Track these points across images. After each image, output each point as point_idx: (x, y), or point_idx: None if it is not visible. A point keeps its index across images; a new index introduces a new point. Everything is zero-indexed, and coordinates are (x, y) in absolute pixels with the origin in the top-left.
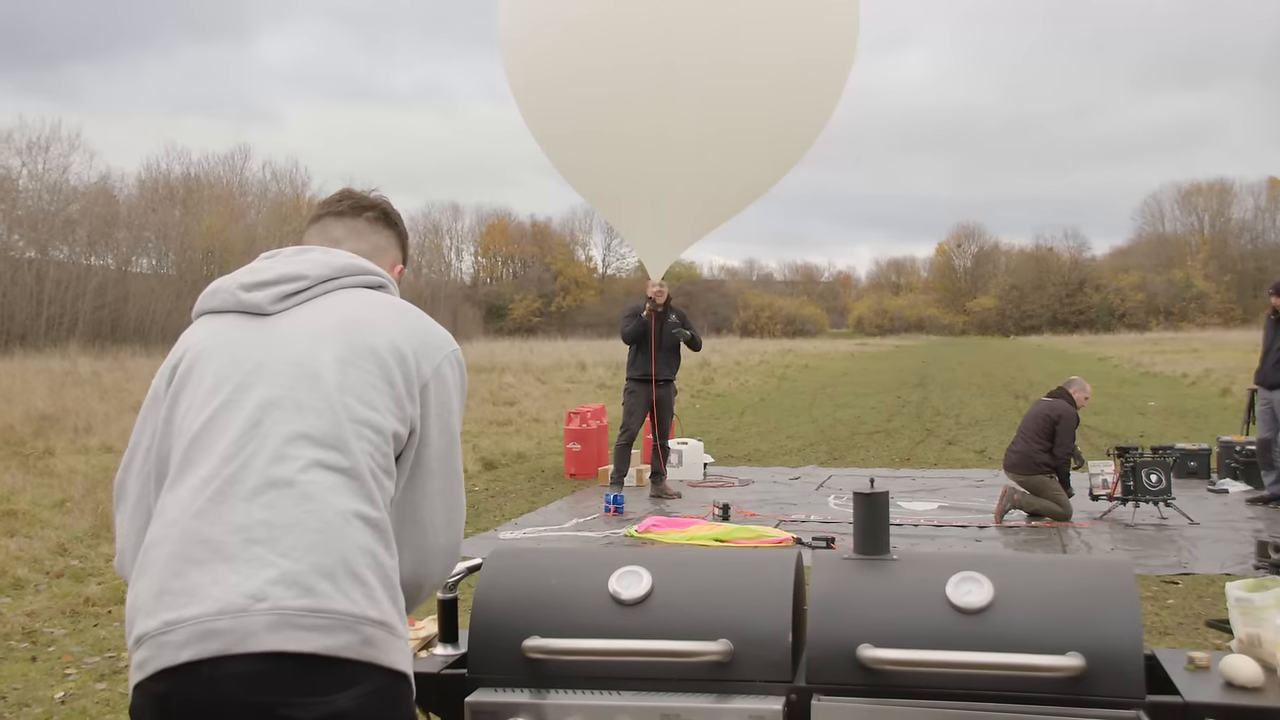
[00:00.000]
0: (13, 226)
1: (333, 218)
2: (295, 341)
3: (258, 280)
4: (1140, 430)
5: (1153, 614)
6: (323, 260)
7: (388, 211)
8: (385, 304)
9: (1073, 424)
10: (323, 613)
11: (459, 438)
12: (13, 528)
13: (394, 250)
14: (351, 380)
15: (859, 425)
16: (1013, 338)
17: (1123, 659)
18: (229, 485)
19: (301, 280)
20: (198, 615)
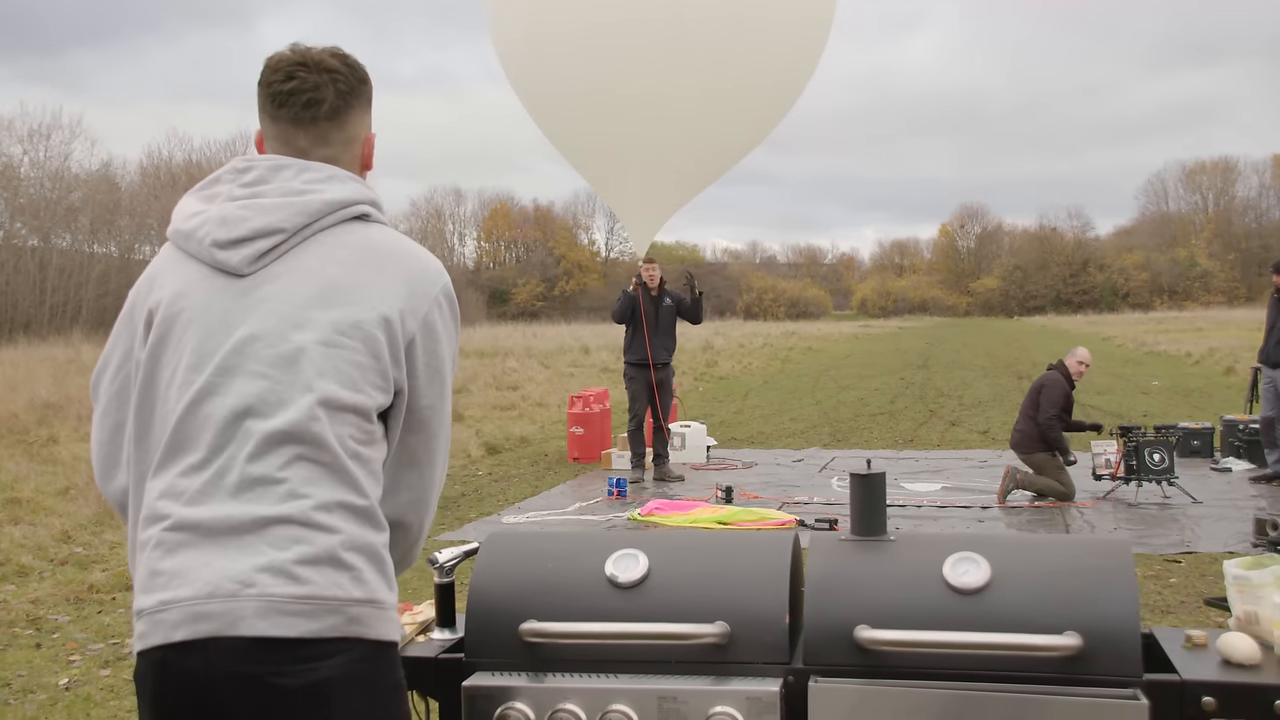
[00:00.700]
0: (15, 215)
1: (289, 124)
2: (274, 316)
3: (232, 237)
4: (1144, 410)
5: (1155, 593)
6: (297, 205)
7: (345, 89)
8: (366, 255)
9: (1057, 390)
10: (309, 599)
11: (450, 376)
12: (17, 515)
13: (363, 125)
14: (333, 363)
15: (862, 407)
16: (1016, 318)
17: (1120, 638)
18: (217, 478)
19: (278, 234)
20: (190, 597)
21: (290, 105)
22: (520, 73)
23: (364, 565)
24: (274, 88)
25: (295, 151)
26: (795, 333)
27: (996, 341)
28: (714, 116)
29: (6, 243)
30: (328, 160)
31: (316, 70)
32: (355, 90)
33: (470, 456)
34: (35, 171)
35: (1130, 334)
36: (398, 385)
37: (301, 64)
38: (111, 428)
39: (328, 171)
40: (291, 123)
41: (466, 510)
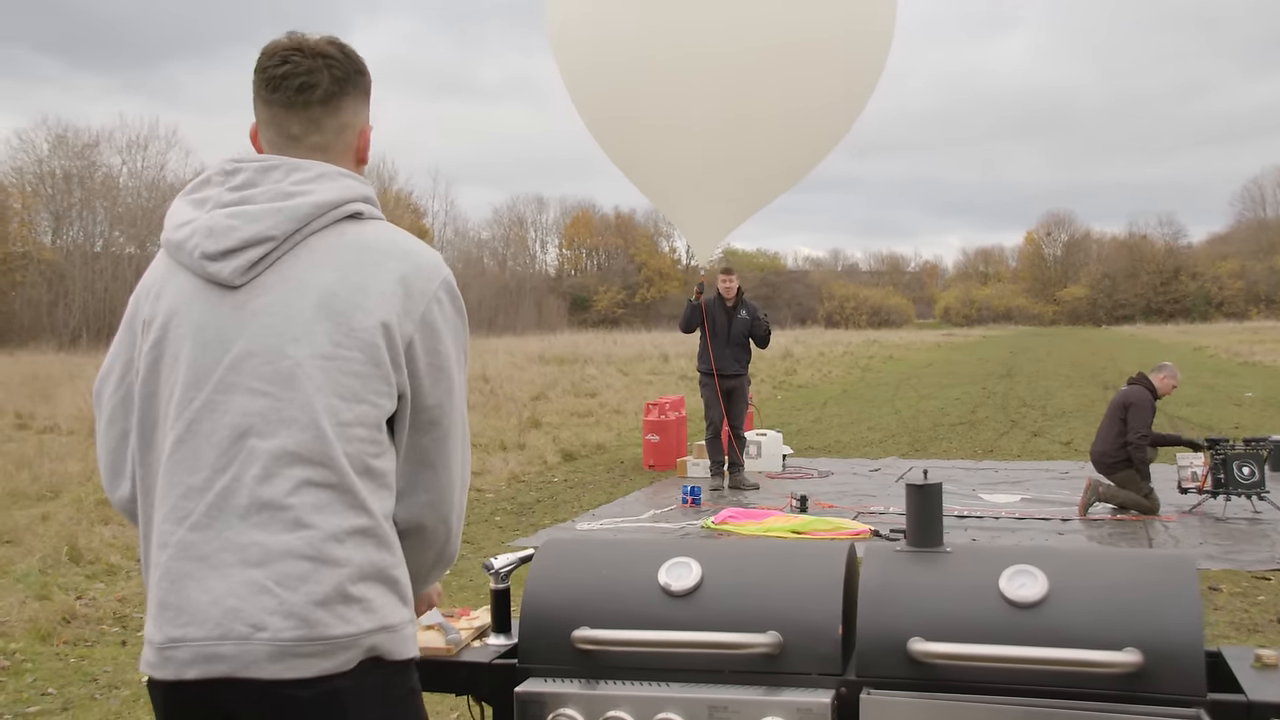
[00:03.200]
0: (114, 223)
1: (282, 109)
2: (269, 331)
3: (221, 249)
4: (1236, 421)
5: (1242, 610)
6: (286, 210)
7: (340, 76)
8: (360, 257)
9: (1146, 408)
10: (321, 640)
11: (458, 372)
12: (107, 515)
13: (359, 115)
14: (333, 378)
15: (942, 417)
16: (1105, 328)
17: (1182, 655)
18: (222, 499)
19: (267, 242)
20: (201, 638)
21: (283, 89)
22: (584, 96)
23: (374, 593)
24: (268, 72)
25: (287, 138)
26: (876, 341)
27: (1083, 351)
28: (775, 135)
29: (105, 250)
30: (319, 147)
31: (311, 56)
32: (350, 78)
33: (546, 463)
34: (133, 181)
35: (1223, 344)
36: (400, 389)
37: (297, 49)
38: (117, 436)
39: (317, 170)
40: (285, 107)
41: (541, 516)
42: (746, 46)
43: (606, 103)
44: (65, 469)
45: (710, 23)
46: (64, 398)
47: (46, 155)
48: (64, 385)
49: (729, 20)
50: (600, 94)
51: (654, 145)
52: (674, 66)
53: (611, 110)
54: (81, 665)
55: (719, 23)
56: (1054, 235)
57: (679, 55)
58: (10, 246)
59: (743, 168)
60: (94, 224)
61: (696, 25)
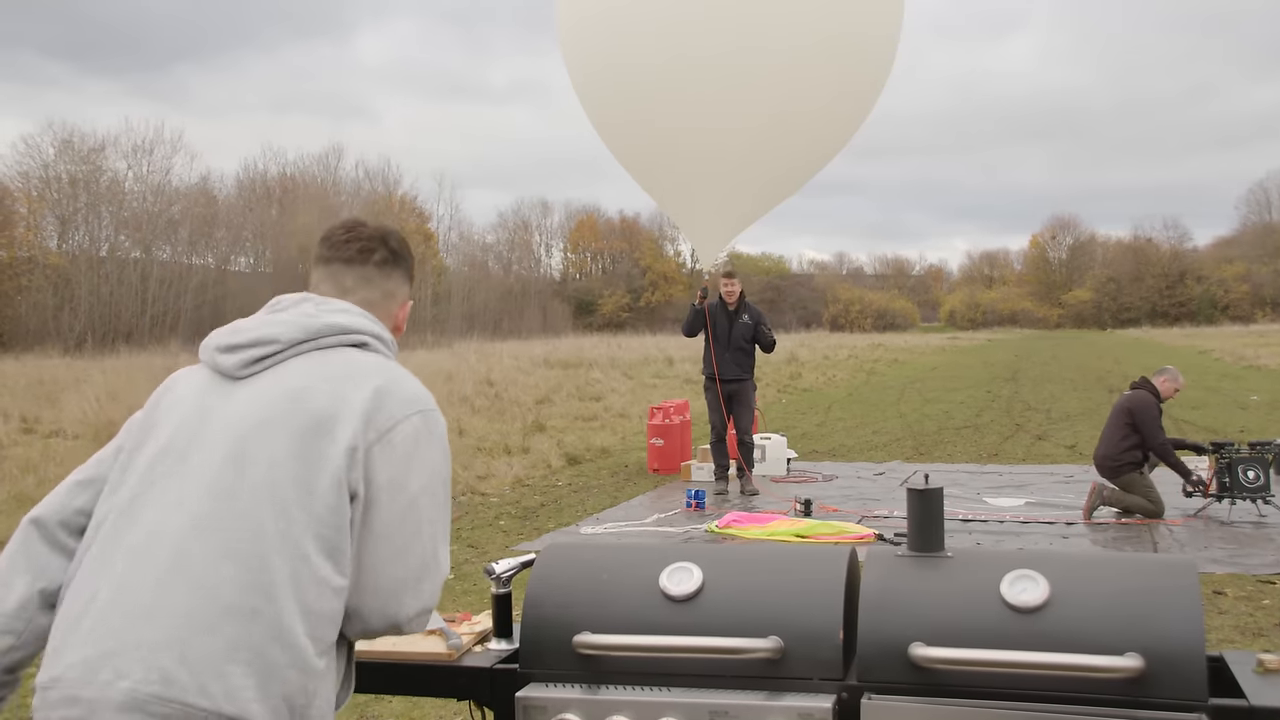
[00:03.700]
0: (120, 228)
1: (341, 264)
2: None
3: (233, 343)
4: (1241, 425)
5: (1247, 614)
6: (301, 323)
7: (396, 250)
8: (349, 371)
9: (1154, 413)
10: (171, 701)
11: (424, 499)
12: None
13: (404, 288)
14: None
15: (947, 420)
16: (1110, 331)
17: (1183, 660)
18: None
19: (273, 344)
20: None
21: (345, 250)
22: (592, 98)
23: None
24: (334, 238)
25: (340, 289)
26: (881, 345)
27: (1088, 354)
28: (780, 140)
29: (111, 255)
30: (366, 303)
31: (375, 230)
32: (402, 255)
33: (551, 467)
34: (139, 185)
35: (1228, 347)
36: (353, 489)
37: (362, 224)
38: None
39: (344, 305)
40: (344, 263)
41: (545, 521)
42: (753, 50)
43: (614, 104)
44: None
45: (717, 26)
46: (69, 402)
47: (52, 159)
48: (69, 390)
49: (736, 23)
50: (608, 96)
51: (660, 148)
52: (682, 69)
53: (619, 112)
54: None
55: (726, 26)
56: (1059, 239)
57: (686, 58)
58: (16, 251)
59: (748, 172)
60: (99, 228)
61: (703, 28)
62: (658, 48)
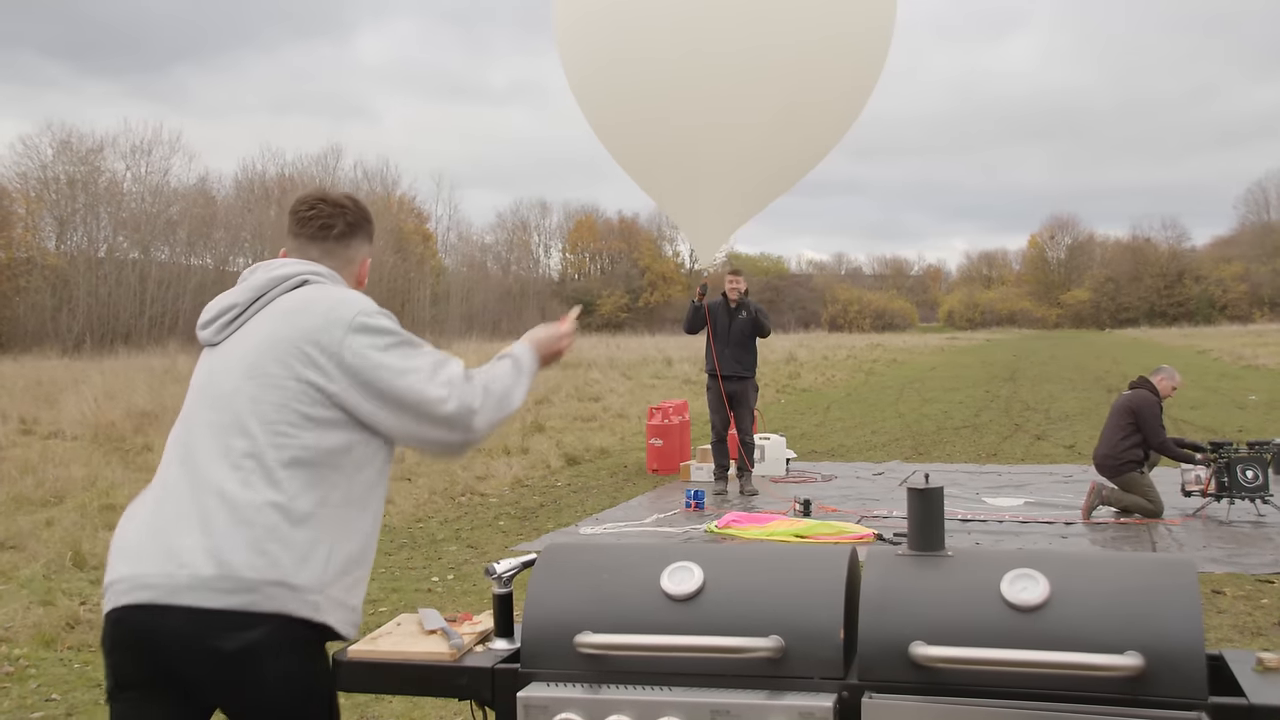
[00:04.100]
0: (118, 228)
1: (306, 239)
2: (225, 371)
3: (205, 319)
4: (1239, 425)
5: (1246, 614)
6: (254, 284)
7: (352, 223)
8: (298, 308)
9: (1154, 412)
10: (229, 578)
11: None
12: (111, 520)
13: (362, 249)
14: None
15: (945, 420)
16: (1108, 331)
17: (1183, 659)
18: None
19: (234, 309)
20: (137, 572)
21: (308, 226)
22: (588, 97)
23: (283, 554)
24: (299, 214)
25: (308, 259)
26: (880, 345)
27: (1086, 354)
28: (776, 136)
29: (109, 256)
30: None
31: (333, 205)
32: (358, 224)
33: (550, 467)
34: (137, 186)
35: (1227, 347)
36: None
37: (322, 200)
38: None
39: (281, 260)
40: (309, 239)
41: (544, 521)
42: (750, 48)
43: (611, 103)
44: (69, 474)
45: (714, 23)
46: (68, 403)
47: (51, 160)
48: (68, 391)
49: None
50: (605, 93)
51: (658, 145)
52: (678, 67)
53: (616, 110)
54: (85, 671)
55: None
56: (1057, 239)
57: (684, 55)
58: (14, 252)
59: (745, 169)
60: (98, 229)
61: (701, 25)
62: (655, 45)
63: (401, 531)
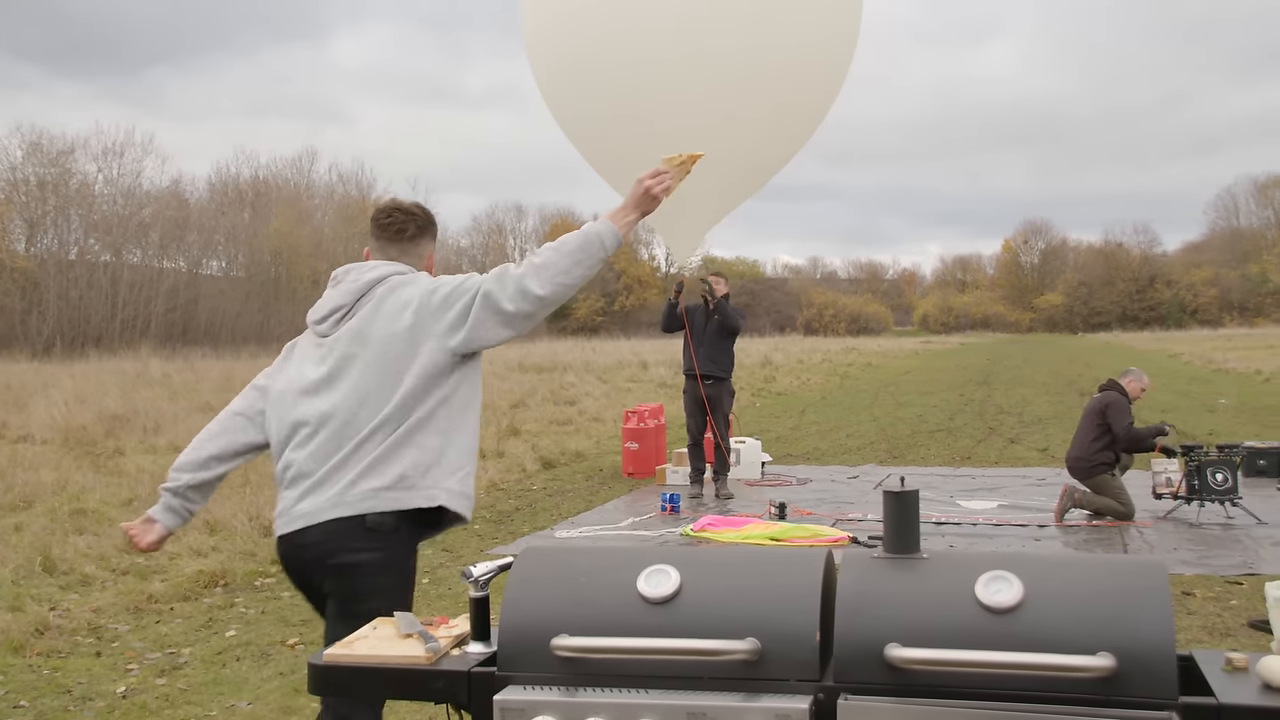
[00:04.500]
0: (89, 231)
1: (385, 241)
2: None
3: (318, 316)
4: (1210, 428)
5: (1215, 615)
6: (354, 288)
7: (420, 225)
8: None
9: (1122, 406)
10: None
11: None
12: (82, 525)
13: (429, 247)
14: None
15: (920, 424)
16: (1081, 335)
17: (1154, 660)
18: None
19: (341, 309)
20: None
21: (387, 230)
22: (558, 99)
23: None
24: (379, 221)
25: (386, 258)
26: (855, 349)
27: (1059, 358)
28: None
29: (80, 258)
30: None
31: (405, 212)
32: (425, 227)
33: (525, 471)
34: (108, 189)
35: (1198, 351)
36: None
37: (397, 209)
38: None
39: (372, 264)
40: (388, 241)
41: (519, 525)
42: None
43: (580, 101)
44: (39, 479)
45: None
46: (38, 407)
47: (20, 162)
48: (38, 395)
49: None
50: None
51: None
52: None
53: (584, 110)
54: (55, 677)
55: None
56: (1031, 243)
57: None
58: None
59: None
60: (69, 231)
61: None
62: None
63: None
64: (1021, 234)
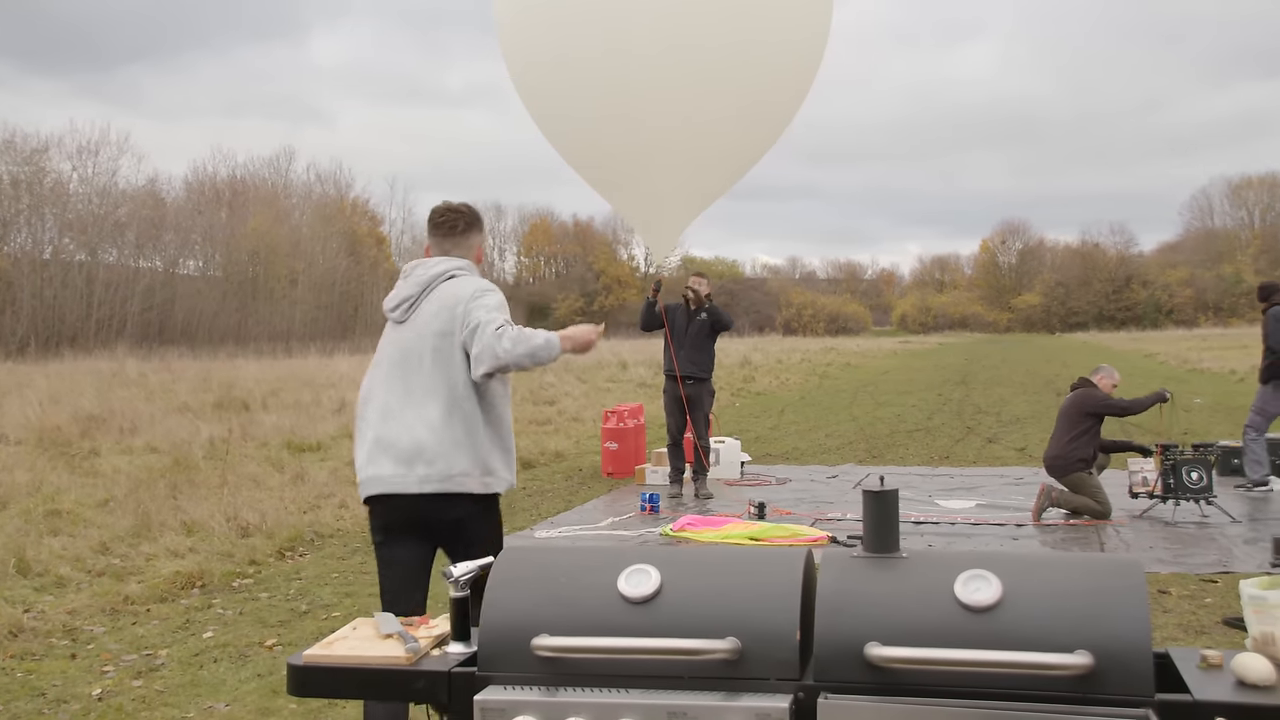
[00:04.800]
0: (64, 230)
1: (441, 236)
2: (413, 338)
3: (392, 305)
4: (1184, 427)
5: (1190, 612)
6: (421, 279)
7: (469, 221)
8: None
9: (1099, 393)
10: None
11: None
12: (57, 526)
13: (478, 238)
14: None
15: (899, 423)
16: (1058, 335)
17: (1131, 657)
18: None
19: (409, 300)
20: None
21: (442, 228)
22: (534, 98)
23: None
24: (435, 220)
25: (442, 251)
26: (834, 348)
27: (1037, 358)
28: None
29: (55, 258)
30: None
31: (455, 211)
32: (473, 223)
33: None
34: (83, 187)
35: (1173, 351)
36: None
37: (449, 209)
38: None
39: (437, 259)
40: (443, 236)
41: None
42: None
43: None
44: (13, 479)
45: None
46: (12, 407)
47: None
48: (11, 395)
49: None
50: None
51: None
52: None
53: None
54: (29, 679)
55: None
56: (1009, 244)
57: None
58: None
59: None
60: (43, 230)
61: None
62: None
63: (355, 536)
64: (999, 234)
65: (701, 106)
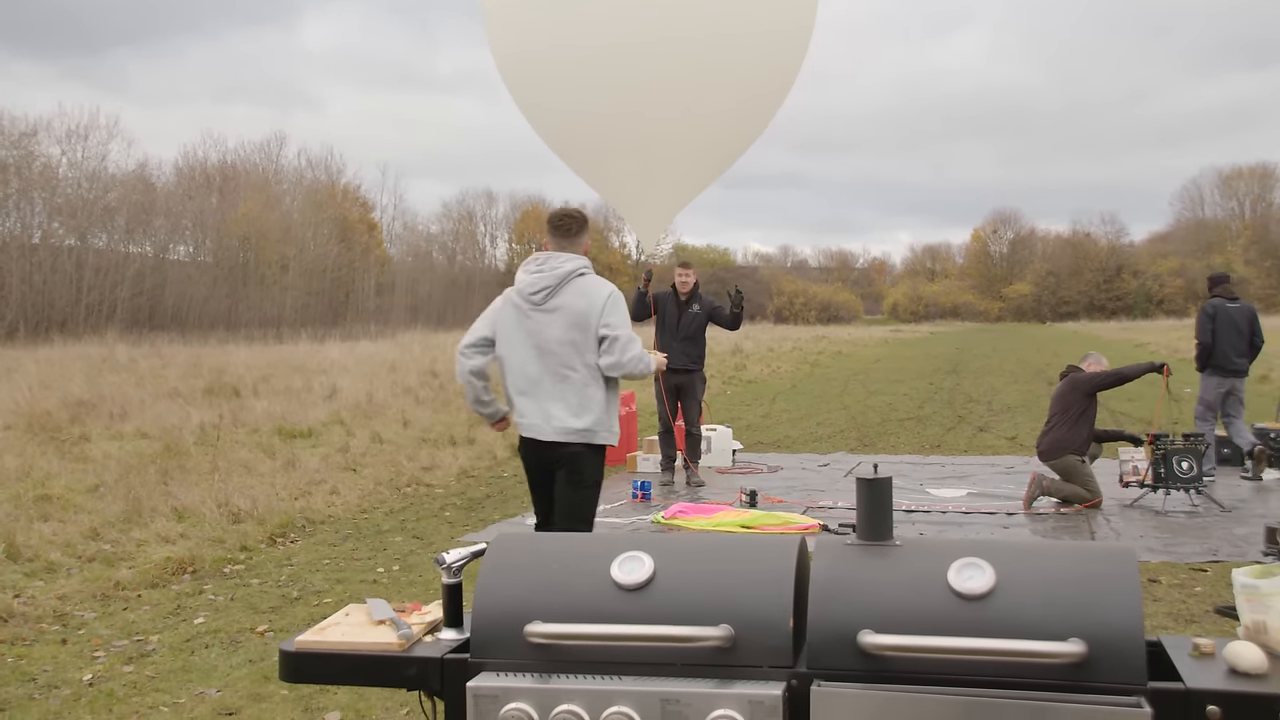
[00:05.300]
0: (53, 214)
1: (560, 235)
2: (547, 324)
3: (530, 292)
4: (1175, 417)
5: (1180, 601)
6: (556, 272)
7: (580, 224)
8: (580, 291)
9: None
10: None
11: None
12: (47, 512)
13: (586, 238)
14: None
15: (890, 412)
16: (1049, 324)
17: (1124, 645)
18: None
19: (546, 289)
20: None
21: (559, 230)
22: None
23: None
24: (554, 223)
25: (559, 248)
26: (825, 337)
27: (1027, 347)
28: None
29: (44, 242)
30: (574, 251)
31: (569, 215)
32: (583, 225)
33: (496, 458)
34: (73, 172)
35: (1164, 340)
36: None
37: (566, 214)
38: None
39: (566, 255)
40: (561, 236)
41: (490, 512)
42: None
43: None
44: (2, 464)
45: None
46: (1, 392)
47: None
48: (0, 380)
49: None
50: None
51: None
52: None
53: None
54: (20, 665)
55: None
56: (1000, 233)
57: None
58: None
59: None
60: (32, 215)
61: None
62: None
63: (346, 523)
64: (991, 224)
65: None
